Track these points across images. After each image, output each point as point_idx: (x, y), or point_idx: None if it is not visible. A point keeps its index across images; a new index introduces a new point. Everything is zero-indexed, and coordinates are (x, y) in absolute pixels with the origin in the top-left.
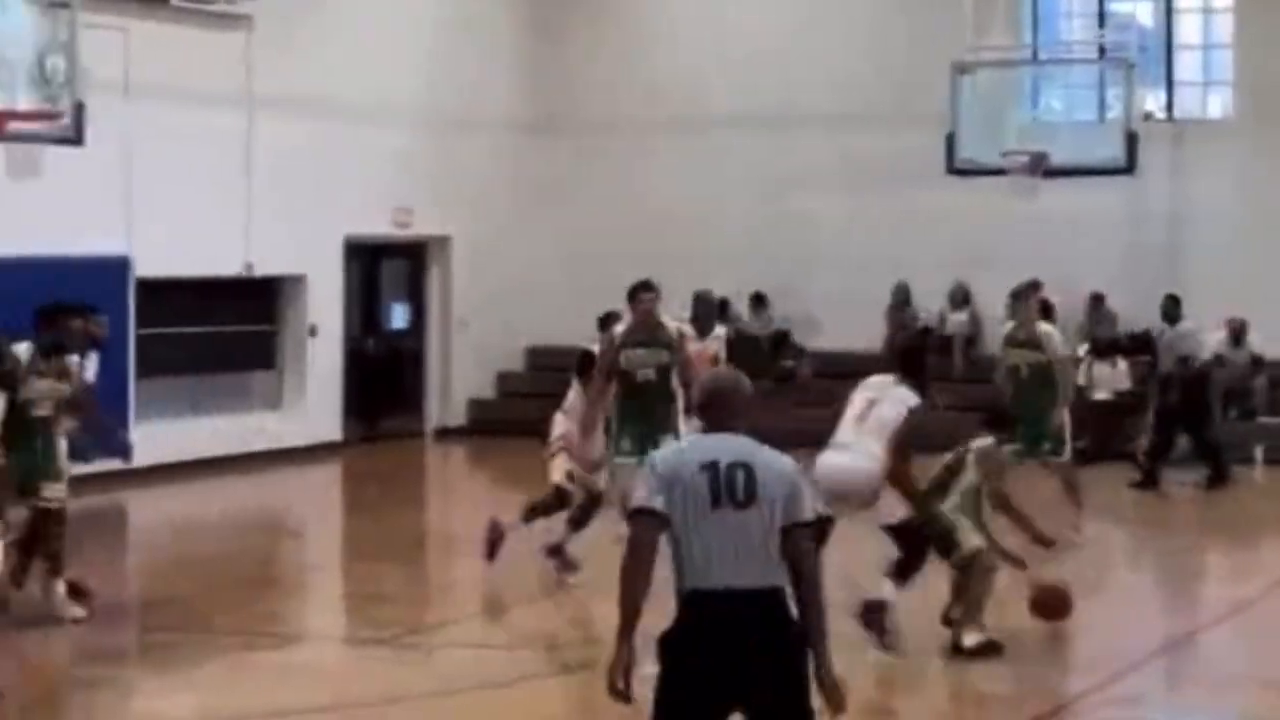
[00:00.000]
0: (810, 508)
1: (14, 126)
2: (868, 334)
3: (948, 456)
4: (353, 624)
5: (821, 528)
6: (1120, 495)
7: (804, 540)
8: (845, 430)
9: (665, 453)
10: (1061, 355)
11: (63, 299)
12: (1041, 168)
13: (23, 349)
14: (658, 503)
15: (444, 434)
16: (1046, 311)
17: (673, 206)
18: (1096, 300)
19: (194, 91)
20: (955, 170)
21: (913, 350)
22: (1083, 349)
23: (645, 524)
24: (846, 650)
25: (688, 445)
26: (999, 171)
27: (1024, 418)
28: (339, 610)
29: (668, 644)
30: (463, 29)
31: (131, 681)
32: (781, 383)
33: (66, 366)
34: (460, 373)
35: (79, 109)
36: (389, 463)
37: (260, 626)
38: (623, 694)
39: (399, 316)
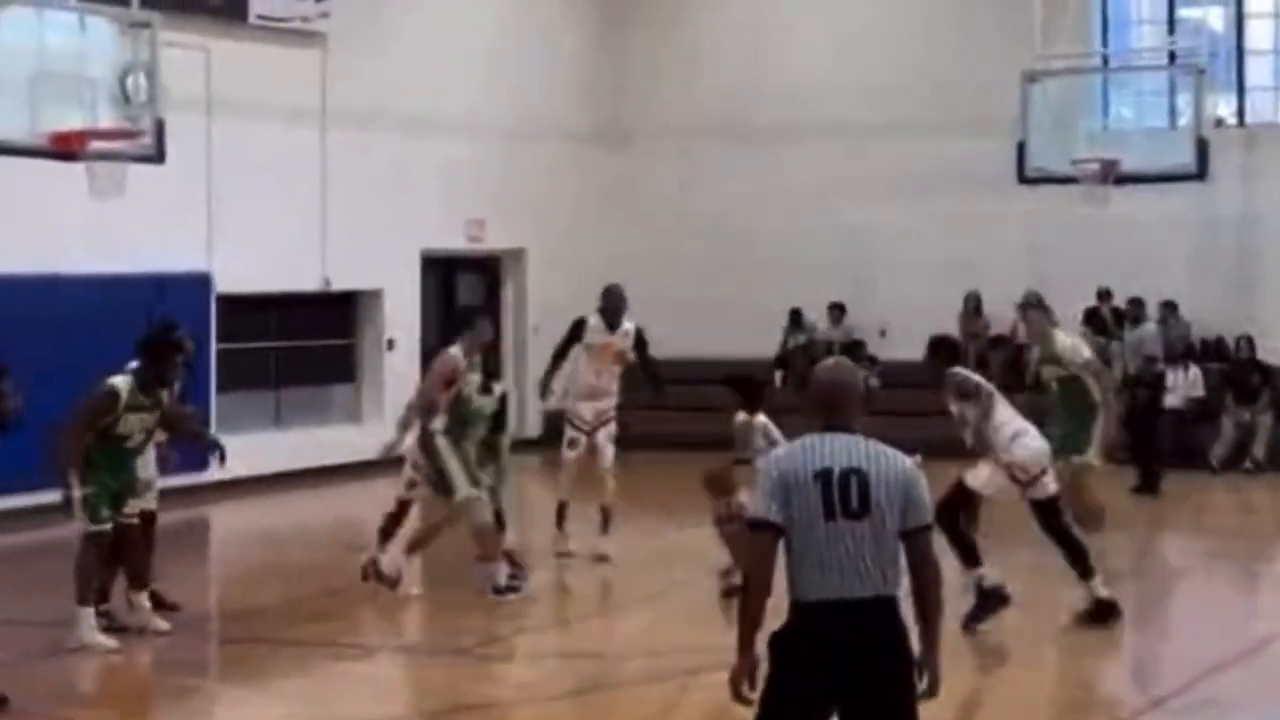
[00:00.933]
0: (930, 509)
1: (96, 145)
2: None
3: None
4: (432, 634)
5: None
6: (1193, 501)
7: (925, 544)
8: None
9: (781, 456)
10: (1082, 362)
11: (162, 323)
12: (1112, 175)
13: (122, 383)
14: (774, 514)
15: (519, 445)
16: (1119, 318)
17: (744, 216)
18: (1168, 308)
19: (272, 108)
20: (1026, 179)
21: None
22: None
23: (763, 536)
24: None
25: (803, 448)
26: (1070, 180)
27: (1066, 429)
28: (419, 621)
29: (777, 647)
30: (532, 43)
31: (215, 692)
32: None
33: (160, 399)
34: (536, 384)
35: (160, 127)
36: None
37: (341, 637)
38: (747, 700)
39: None
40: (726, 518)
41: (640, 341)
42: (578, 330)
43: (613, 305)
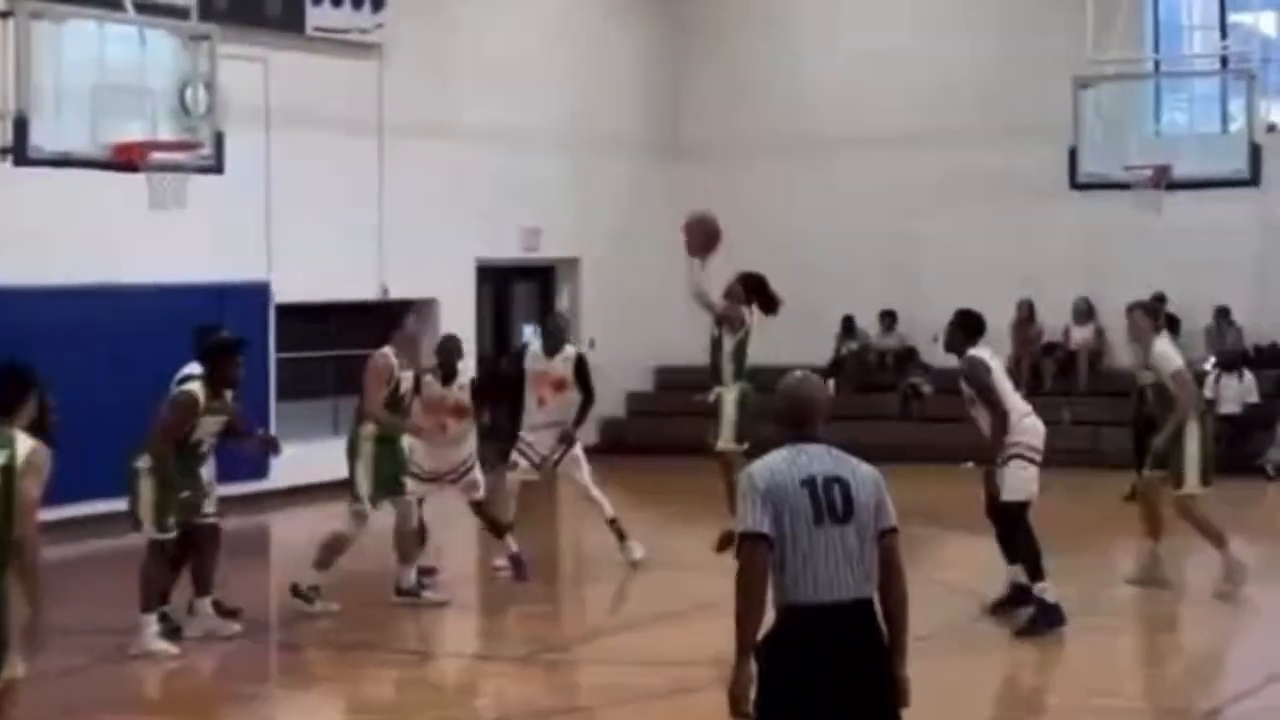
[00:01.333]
0: (893, 512)
1: (156, 156)
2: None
3: None
4: (488, 641)
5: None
6: (1246, 509)
7: (893, 544)
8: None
9: (763, 469)
10: (1171, 371)
11: (208, 328)
12: (1164, 181)
13: (197, 389)
14: (765, 525)
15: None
16: (1172, 325)
17: (798, 226)
18: (1222, 313)
19: (329, 119)
20: (1078, 185)
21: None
22: (1209, 363)
23: (756, 547)
24: (963, 659)
25: (782, 460)
26: (1122, 185)
27: (1160, 443)
28: (474, 628)
29: (769, 654)
30: (589, 54)
31: (276, 698)
32: (908, 399)
33: (227, 402)
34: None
35: (219, 138)
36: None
37: (398, 643)
38: (747, 714)
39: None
40: None
41: (580, 367)
42: (521, 356)
43: (550, 331)
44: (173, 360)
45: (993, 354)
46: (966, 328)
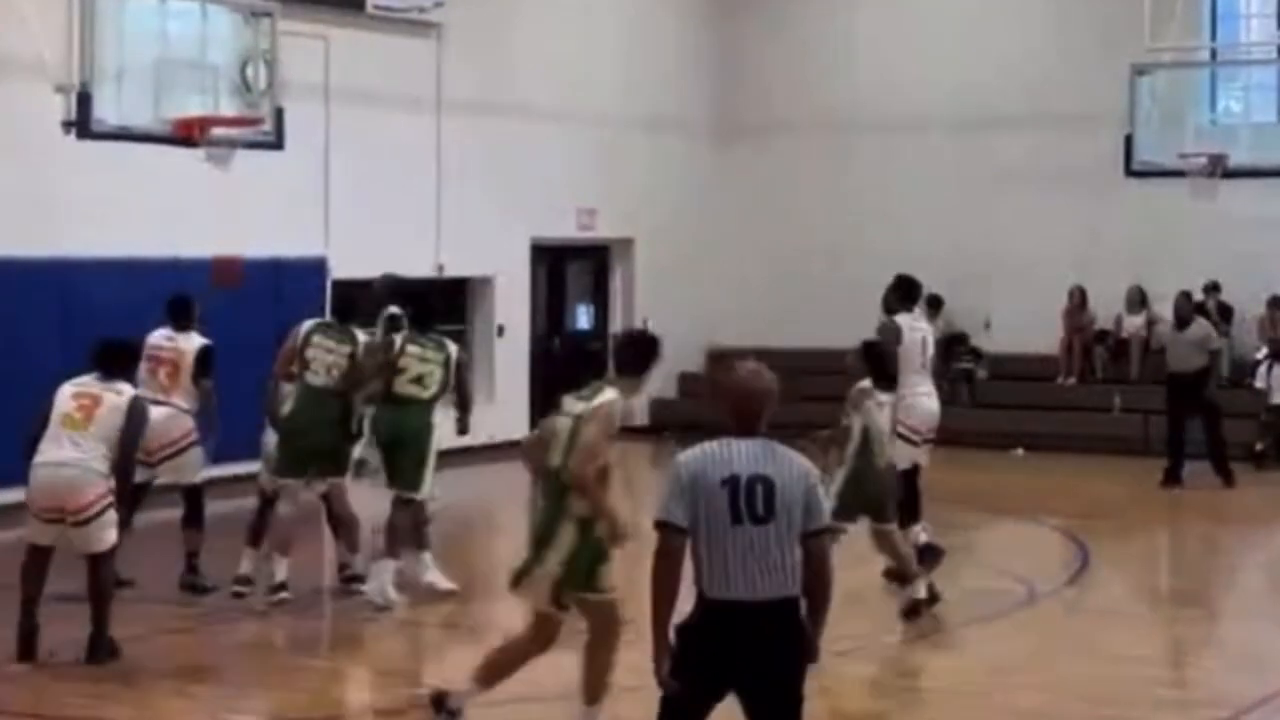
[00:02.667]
0: (825, 512)
1: (217, 131)
2: (1044, 337)
3: None
4: None
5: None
6: None
7: (821, 547)
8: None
9: (690, 463)
10: None
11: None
12: (1219, 169)
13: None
14: (680, 517)
15: (627, 432)
16: (1225, 314)
17: (851, 209)
18: (1275, 303)
19: (388, 97)
20: (1133, 172)
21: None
22: (1262, 352)
23: (669, 535)
24: (1015, 645)
25: (711, 452)
26: (1177, 173)
27: None
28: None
29: (684, 637)
30: (647, 34)
31: (331, 669)
32: (957, 384)
33: None
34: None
35: (279, 115)
36: None
37: (452, 618)
38: (670, 682)
39: (583, 317)
40: None
41: None
42: None
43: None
44: (232, 332)
45: (915, 325)
46: (898, 291)
